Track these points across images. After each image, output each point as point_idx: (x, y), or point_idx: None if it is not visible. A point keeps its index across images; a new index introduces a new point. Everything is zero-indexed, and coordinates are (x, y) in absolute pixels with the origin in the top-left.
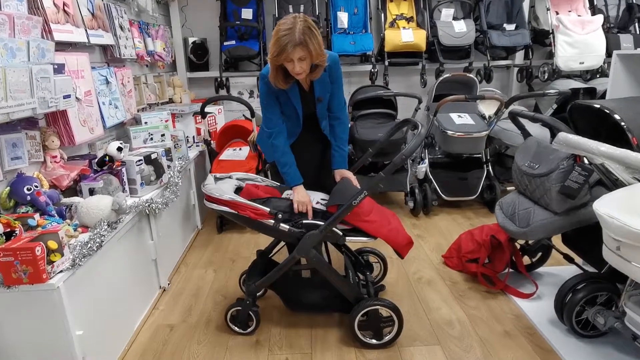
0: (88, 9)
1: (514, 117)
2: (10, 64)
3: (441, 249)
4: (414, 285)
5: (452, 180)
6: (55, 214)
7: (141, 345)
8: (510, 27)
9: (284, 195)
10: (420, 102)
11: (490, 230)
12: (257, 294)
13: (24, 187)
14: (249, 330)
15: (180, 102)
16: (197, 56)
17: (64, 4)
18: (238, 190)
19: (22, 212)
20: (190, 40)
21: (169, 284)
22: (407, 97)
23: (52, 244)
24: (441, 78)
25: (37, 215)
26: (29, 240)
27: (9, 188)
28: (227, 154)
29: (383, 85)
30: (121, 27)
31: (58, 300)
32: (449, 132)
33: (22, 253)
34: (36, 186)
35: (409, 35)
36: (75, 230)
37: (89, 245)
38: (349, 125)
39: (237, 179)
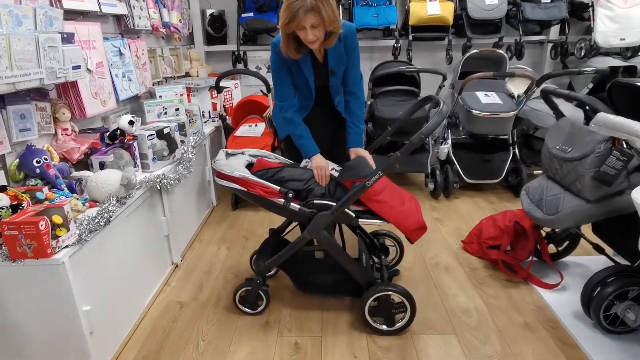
0: None
1: (546, 95)
2: (15, 31)
3: (461, 234)
4: (430, 270)
5: (475, 162)
6: (65, 188)
7: (151, 321)
8: None
9: (301, 164)
10: (444, 79)
11: (513, 216)
12: (267, 274)
13: (33, 160)
14: (259, 309)
15: (197, 76)
16: (215, 29)
17: None
18: (250, 166)
19: (31, 185)
20: (208, 12)
21: (181, 260)
22: (430, 74)
23: (57, 219)
24: (468, 54)
25: (45, 189)
26: (34, 214)
27: (18, 160)
28: (243, 130)
29: (406, 61)
30: None
31: (63, 276)
32: (474, 112)
33: (26, 227)
34: (46, 159)
35: (436, 8)
36: (83, 204)
37: (96, 221)
38: (369, 103)
39: (250, 155)
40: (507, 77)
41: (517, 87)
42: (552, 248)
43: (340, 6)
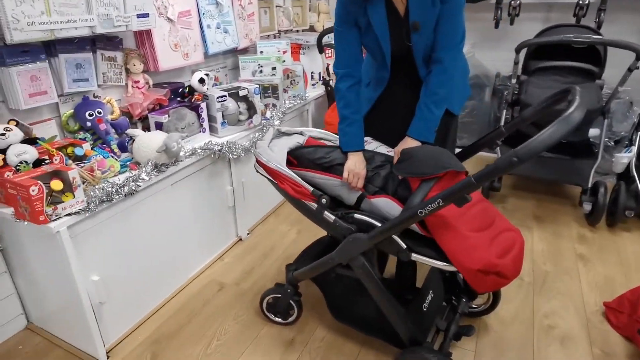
0: None
1: None
2: None
3: (610, 291)
4: (536, 335)
5: None
6: (114, 145)
7: (184, 298)
8: None
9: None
10: (638, 58)
11: None
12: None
13: (86, 112)
14: (290, 319)
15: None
16: None
17: None
18: (298, 149)
19: (79, 139)
20: None
21: (248, 234)
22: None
23: (56, 185)
24: None
25: (87, 145)
26: (36, 176)
27: (72, 111)
28: None
29: (590, 27)
30: None
31: (59, 244)
32: None
33: (21, 190)
34: (99, 112)
35: None
36: (124, 166)
37: (115, 190)
38: (517, 80)
39: (310, 136)
40: None
41: None
42: None
43: None
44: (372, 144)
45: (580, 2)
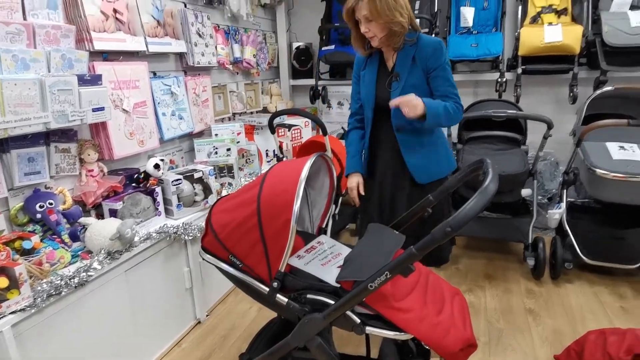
0: (152, 16)
1: None
2: (13, 76)
3: (559, 342)
4: None
5: (600, 237)
6: (65, 236)
7: None
8: None
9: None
10: (549, 127)
11: (637, 343)
12: None
13: (36, 204)
14: None
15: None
16: (300, 62)
17: (115, 11)
18: None
19: (28, 231)
20: (295, 45)
21: (207, 316)
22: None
23: (2, 282)
24: (597, 92)
25: (35, 237)
26: None
27: (22, 204)
28: None
29: (509, 101)
30: (199, 34)
31: (3, 346)
32: (599, 171)
33: None
34: (50, 203)
35: (556, 34)
36: (75, 256)
37: (64, 282)
38: (457, 150)
39: None
40: None
41: None
42: None
43: (435, 35)
44: (326, 243)
45: (500, 80)
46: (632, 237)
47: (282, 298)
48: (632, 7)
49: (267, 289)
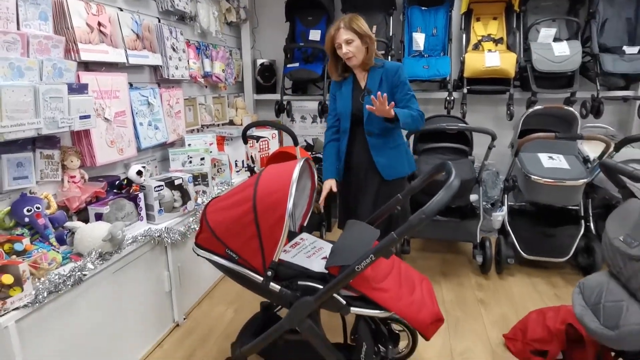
0: (132, 30)
1: (608, 170)
2: (11, 83)
3: (506, 324)
4: None
5: (535, 235)
6: (53, 239)
7: None
8: (632, 49)
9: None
10: (493, 139)
11: (568, 315)
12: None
13: (24, 208)
14: None
15: (241, 124)
16: (265, 78)
17: (100, 24)
18: None
19: (17, 235)
20: (259, 62)
21: (185, 319)
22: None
23: (7, 279)
24: (530, 110)
25: (26, 240)
26: None
27: (9, 208)
28: None
29: (457, 117)
30: (174, 48)
31: (7, 341)
32: (534, 177)
33: None
34: (37, 207)
35: (494, 59)
36: (65, 258)
37: (63, 280)
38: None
39: None
40: (577, 139)
41: (593, 149)
42: None
43: (390, 57)
44: (307, 240)
45: (448, 98)
46: (561, 234)
47: (275, 286)
48: (555, 40)
49: (262, 279)
